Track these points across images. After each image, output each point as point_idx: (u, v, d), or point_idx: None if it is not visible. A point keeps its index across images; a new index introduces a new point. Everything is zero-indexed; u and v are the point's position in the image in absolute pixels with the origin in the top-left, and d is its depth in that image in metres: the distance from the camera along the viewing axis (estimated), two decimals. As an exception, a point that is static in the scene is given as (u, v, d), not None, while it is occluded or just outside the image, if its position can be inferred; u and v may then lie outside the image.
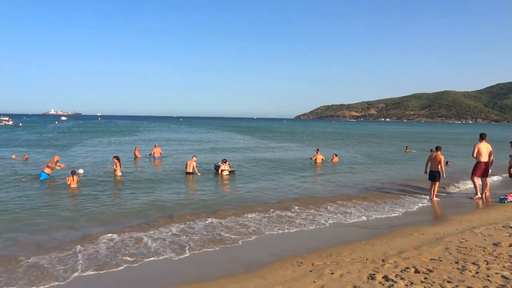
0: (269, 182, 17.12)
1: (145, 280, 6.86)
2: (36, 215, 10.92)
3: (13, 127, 77.00)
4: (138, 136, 54.02)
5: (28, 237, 9.00)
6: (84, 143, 38.59)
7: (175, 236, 9.28)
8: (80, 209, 11.75)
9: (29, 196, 13.28)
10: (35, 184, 15.49)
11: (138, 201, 12.82)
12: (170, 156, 26.64)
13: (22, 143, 37.54)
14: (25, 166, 20.35)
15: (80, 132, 60.86)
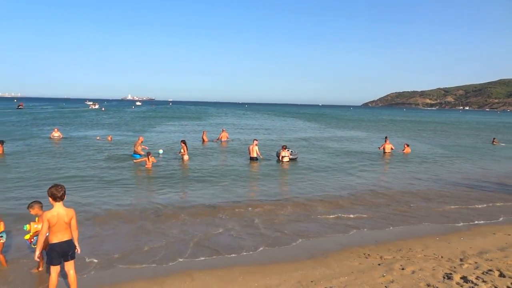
0: (332, 171, 16.76)
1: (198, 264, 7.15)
2: (122, 190, 11.96)
3: (98, 111, 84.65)
4: (206, 121, 56.11)
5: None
6: (157, 127, 41.10)
7: (243, 220, 9.54)
8: (157, 189, 12.58)
9: (109, 172, 14.62)
10: (121, 162, 17.08)
11: (204, 185, 13.35)
12: (236, 141, 27.31)
13: (105, 125, 41.13)
14: (110, 146, 22.52)
15: (154, 117, 64.83)
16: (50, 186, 5.30)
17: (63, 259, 5.38)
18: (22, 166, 15.80)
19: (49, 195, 5.26)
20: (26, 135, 28.48)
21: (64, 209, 5.33)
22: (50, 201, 5.27)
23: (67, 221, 5.32)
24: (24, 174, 14.22)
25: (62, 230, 5.30)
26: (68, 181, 12.85)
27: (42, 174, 14.33)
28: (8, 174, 14.08)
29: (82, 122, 44.70)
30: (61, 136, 26.09)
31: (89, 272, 6.46)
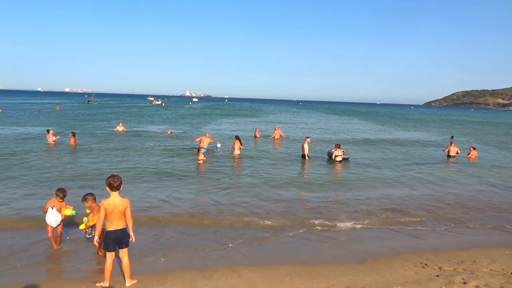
0: (387, 172, 15.97)
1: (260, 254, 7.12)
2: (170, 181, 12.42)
3: (159, 106, 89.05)
4: (260, 118, 56.45)
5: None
6: (212, 122, 42.19)
7: (291, 218, 9.41)
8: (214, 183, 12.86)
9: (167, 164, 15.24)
10: (178, 155, 17.76)
11: (250, 179, 13.39)
12: (288, 138, 27.13)
13: (164, 120, 43.10)
14: (171, 139, 23.71)
15: (210, 113, 66.63)
16: (108, 177, 5.59)
17: (118, 246, 5.65)
18: (90, 156, 17.07)
19: (107, 185, 5.55)
20: (94, 128, 30.75)
21: (120, 198, 5.59)
22: (107, 190, 5.56)
23: (122, 210, 5.58)
24: (91, 164, 15.33)
25: (117, 218, 5.57)
26: (127, 172, 13.62)
27: (105, 164, 15.35)
28: (77, 163, 15.29)
29: (144, 117, 47.22)
30: (125, 130, 27.81)
31: (141, 259, 6.74)
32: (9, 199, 10.19)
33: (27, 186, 11.61)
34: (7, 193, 10.79)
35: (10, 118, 38.53)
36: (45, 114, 47.23)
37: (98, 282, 5.77)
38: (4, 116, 41.10)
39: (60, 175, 13.18)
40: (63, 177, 12.88)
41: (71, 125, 32.97)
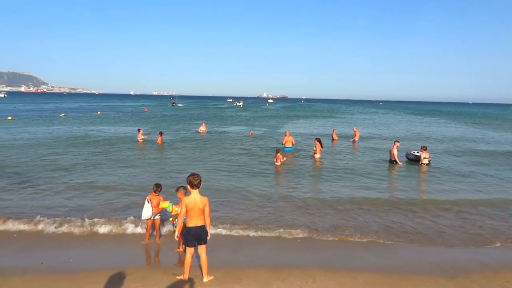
0: (480, 177, 14.32)
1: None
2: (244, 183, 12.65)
3: (238, 107, 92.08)
4: (337, 118, 55.01)
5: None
6: (290, 123, 42.20)
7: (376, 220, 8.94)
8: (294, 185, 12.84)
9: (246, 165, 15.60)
10: (257, 156, 18.15)
11: (334, 184, 13.00)
12: (369, 140, 25.94)
13: (243, 121, 44.36)
14: (251, 140, 24.37)
15: (286, 114, 66.85)
16: (189, 175, 5.84)
17: (197, 242, 5.88)
18: (174, 154, 18.26)
19: (187, 183, 5.80)
20: (179, 128, 32.90)
21: (200, 196, 5.81)
22: (188, 188, 5.82)
23: (201, 208, 5.79)
24: (174, 161, 16.38)
25: (196, 215, 5.79)
26: (209, 171, 14.22)
27: (188, 162, 16.29)
28: (164, 160, 16.48)
29: (224, 118, 49.09)
30: (206, 130, 29.14)
31: (217, 254, 6.94)
32: (99, 193, 11.30)
33: (115, 180, 12.76)
34: (97, 188, 11.97)
35: (108, 119, 43.08)
36: (137, 115, 51.87)
37: (178, 275, 6.06)
38: (104, 117, 46.14)
39: (146, 170, 14.28)
40: (149, 172, 13.94)
41: (158, 125, 35.69)
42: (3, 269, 6.27)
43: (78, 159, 16.60)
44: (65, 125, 34.60)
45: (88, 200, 10.52)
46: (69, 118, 43.14)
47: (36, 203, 10.15)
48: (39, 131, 28.44)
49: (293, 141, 20.07)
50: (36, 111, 58.15)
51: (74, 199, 10.64)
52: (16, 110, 57.84)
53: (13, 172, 13.61)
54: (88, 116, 47.47)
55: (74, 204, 10.15)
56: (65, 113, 52.02)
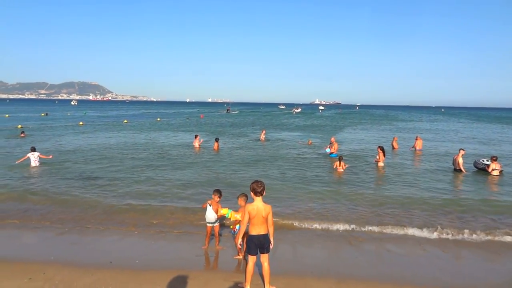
0: None
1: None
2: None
3: (290, 114, 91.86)
4: (395, 126, 52.56)
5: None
6: (344, 131, 41.10)
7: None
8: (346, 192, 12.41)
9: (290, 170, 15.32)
10: (319, 164, 17.79)
11: (398, 194, 12.29)
12: (432, 149, 24.36)
13: (297, 127, 44.04)
14: (309, 148, 23.95)
15: (341, 121, 65.33)
16: (252, 182, 5.75)
17: (260, 251, 5.76)
18: (231, 160, 18.41)
19: (251, 190, 5.71)
20: (235, 134, 33.34)
21: (263, 204, 5.69)
22: (251, 195, 5.73)
23: (264, 216, 5.67)
24: (232, 168, 16.50)
25: (259, 223, 5.67)
26: (268, 178, 14.13)
27: (245, 168, 16.31)
28: (220, 166, 16.67)
29: (278, 125, 48.98)
30: (264, 138, 28.66)
31: (279, 263, 6.76)
32: (155, 196, 11.67)
33: (171, 185, 13.12)
34: (154, 192, 12.38)
35: (166, 125, 45.05)
36: (193, 121, 53.71)
37: (240, 283, 5.98)
38: (163, 123, 48.36)
39: (202, 176, 14.55)
40: (205, 178, 14.18)
41: (214, 131, 36.56)
42: (76, 264, 6.61)
43: (137, 163, 17.39)
44: (127, 130, 36.76)
45: (141, 201, 10.90)
46: (131, 124, 45.79)
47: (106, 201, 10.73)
48: (105, 135, 30.49)
49: (336, 148, 20.12)
50: (102, 117, 62.63)
51: (127, 208, 11.07)
52: (86, 117, 62.74)
53: (80, 171, 14.59)
54: (148, 122, 50.05)
55: (127, 208, 10.57)
56: (128, 119, 55.32)
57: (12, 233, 8.53)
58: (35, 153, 16.18)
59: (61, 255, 7.12)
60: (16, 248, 7.58)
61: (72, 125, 41.73)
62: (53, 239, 8.12)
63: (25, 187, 12.49)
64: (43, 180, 13.49)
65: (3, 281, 5.86)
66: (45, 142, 25.07)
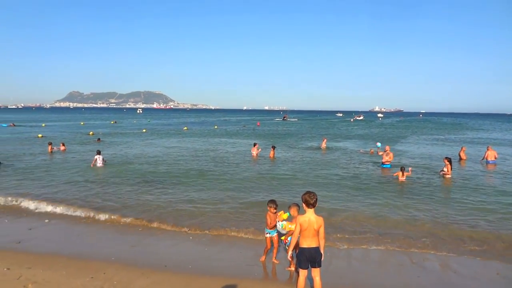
0: None
1: None
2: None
3: (348, 122, 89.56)
4: (463, 135, 48.74)
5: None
6: (407, 139, 39.02)
7: None
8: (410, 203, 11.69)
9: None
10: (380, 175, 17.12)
11: (465, 207, 11.30)
12: (506, 161, 22.14)
13: (356, 136, 42.67)
14: (369, 157, 23.05)
15: (403, 128, 62.23)
16: (304, 193, 5.57)
17: (311, 264, 5.56)
18: (287, 169, 18.24)
19: (303, 201, 5.54)
20: (292, 142, 33.15)
21: (315, 216, 5.49)
22: (303, 207, 5.56)
23: (316, 228, 5.47)
24: (287, 176, 16.35)
25: (311, 236, 5.48)
26: (325, 188, 13.79)
27: (301, 178, 16.03)
28: (274, 175, 16.60)
29: (337, 133, 47.75)
30: (325, 147, 27.86)
31: (328, 280, 6.48)
32: (211, 203, 11.86)
33: (227, 192, 13.28)
34: (207, 199, 12.60)
35: (224, 132, 46.23)
36: (249, 129, 54.51)
37: (291, 297, 5.82)
38: (220, 130, 49.69)
39: (258, 184, 14.57)
40: (261, 186, 14.18)
41: (271, 138, 36.71)
42: (133, 266, 6.90)
43: (195, 169, 17.93)
44: (187, 137, 38.27)
45: (197, 206, 11.13)
46: (190, 131, 47.66)
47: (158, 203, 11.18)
48: (166, 141, 32.04)
49: (391, 157, 19.18)
50: (165, 125, 66.02)
51: (184, 214, 11.38)
52: (150, 124, 66.56)
53: (141, 175, 15.39)
54: (206, 130, 51.74)
55: (188, 215, 10.85)
56: (188, 126, 57.69)
57: (78, 231, 9.17)
58: (100, 156, 18.44)
59: (120, 256, 7.49)
60: (82, 246, 8.12)
61: (137, 132, 44.44)
62: (114, 240, 8.59)
63: (91, 189, 13.47)
64: (108, 183, 14.43)
65: (69, 277, 6.28)
66: (113, 148, 26.94)
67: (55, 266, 6.79)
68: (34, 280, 6.05)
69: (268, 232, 7.25)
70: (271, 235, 7.28)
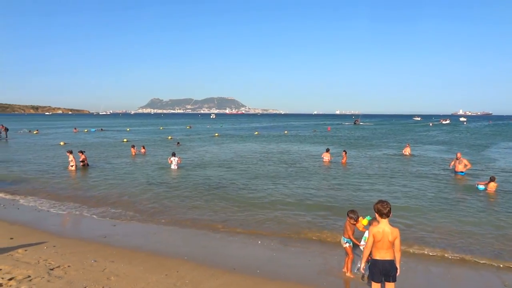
0: None
1: None
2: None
3: (427, 126, 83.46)
4: None
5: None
6: (498, 146, 35.14)
7: None
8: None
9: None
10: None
11: None
12: None
13: (438, 141, 39.59)
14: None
15: (492, 134, 56.21)
16: (377, 202, 5.25)
17: (384, 278, 5.21)
18: (359, 176, 17.55)
19: (375, 211, 5.23)
20: (365, 148, 31.91)
21: (390, 227, 5.14)
22: (376, 217, 5.25)
23: (391, 240, 5.11)
24: (361, 184, 15.70)
25: (385, 248, 5.14)
26: (400, 198, 12.95)
27: (376, 185, 15.30)
28: (347, 181, 16.06)
29: (417, 138, 44.59)
30: (409, 153, 25.90)
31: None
32: (284, 207, 11.77)
33: (301, 197, 13.10)
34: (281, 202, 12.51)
35: (295, 137, 46.07)
36: (320, 134, 53.64)
37: (362, 311, 5.51)
38: (290, 135, 49.67)
39: (330, 190, 14.18)
40: (334, 193, 13.77)
41: (342, 143, 35.68)
42: (204, 266, 7.12)
43: (266, 173, 18.06)
44: (258, 141, 38.88)
45: (268, 210, 11.13)
46: (261, 136, 48.35)
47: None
48: (237, 146, 32.90)
49: (466, 165, 17.55)
50: (236, 129, 67.95)
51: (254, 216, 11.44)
52: (222, 129, 69.09)
53: (213, 177, 15.93)
54: (277, 134, 52.07)
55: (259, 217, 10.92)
56: (258, 131, 58.64)
57: (155, 229, 9.76)
58: (175, 158, 19.53)
59: (192, 255, 7.78)
60: (158, 244, 8.60)
61: (210, 137, 46.38)
62: (186, 240, 8.96)
63: (164, 189, 14.33)
64: (181, 184, 15.17)
65: (146, 273, 6.68)
66: (189, 151, 28.42)
67: (134, 261, 7.29)
68: (116, 273, 6.55)
69: (347, 241, 6.93)
70: (350, 245, 6.94)
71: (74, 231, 9.75)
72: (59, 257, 7.26)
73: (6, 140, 39.02)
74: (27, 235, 8.86)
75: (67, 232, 9.45)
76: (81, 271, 6.57)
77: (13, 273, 6.24)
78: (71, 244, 8.25)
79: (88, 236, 9.06)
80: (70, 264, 6.90)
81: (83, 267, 6.79)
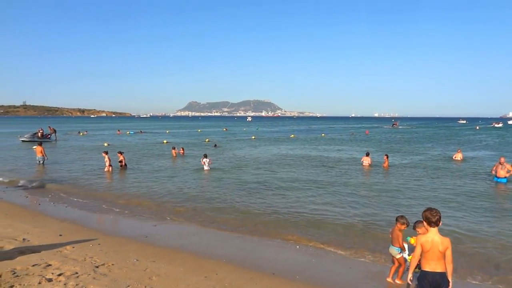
0: None
1: None
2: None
3: (473, 129, 79.19)
4: None
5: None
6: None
7: None
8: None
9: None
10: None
11: None
12: None
13: (485, 146, 37.38)
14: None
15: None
16: (425, 209, 4.96)
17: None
18: (402, 181, 16.87)
19: (424, 218, 4.93)
20: (407, 152, 30.75)
21: (440, 237, 4.83)
22: (424, 225, 4.96)
23: (441, 251, 4.80)
24: (403, 188, 15.11)
25: (435, 259, 4.83)
26: (450, 207, 12.26)
27: (421, 191, 14.66)
28: (389, 186, 15.51)
29: (465, 142, 42.25)
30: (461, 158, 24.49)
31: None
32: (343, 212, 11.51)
33: (342, 205, 12.78)
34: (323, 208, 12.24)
35: (332, 140, 45.29)
36: (358, 137, 52.36)
37: (409, 324, 5.22)
38: (328, 138, 48.89)
39: (369, 197, 13.73)
40: (372, 198, 13.32)
41: (382, 147, 34.59)
42: (243, 270, 7.08)
43: (304, 176, 17.82)
44: (294, 144, 38.60)
45: (306, 214, 10.92)
46: (298, 139, 47.99)
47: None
48: (274, 148, 32.85)
49: (510, 170, 16.05)
50: (273, 132, 67.99)
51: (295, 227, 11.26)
52: (259, 131, 69.34)
53: (248, 180, 15.93)
54: (314, 137, 51.44)
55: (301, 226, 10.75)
56: (295, 134, 58.25)
57: (194, 230, 9.88)
58: (206, 159, 20.00)
59: (231, 258, 7.76)
60: (197, 245, 8.68)
61: (247, 139, 46.67)
62: (224, 242, 8.98)
63: (200, 191, 14.60)
64: (218, 186, 15.31)
65: (186, 274, 6.75)
66: (227, 153, 28.73)
67: (175, 262, 7.39)
68: (157, 273, 6.66)
69: (399, 251, 6.56)
70: (403, 255, 6.60)
71: (116, 230, 10.08)
72: (103, 255, 7.51)
73: (56, 141, 41.41)
74: (74, 232, 9.26)
75: (110, 231, 9.79)
76: (124, 269, 6.75)
77: (62, 269, 6.51)
78: (114, 243, 8.52)
79: (130, 235, 9.32)
80: (114, 262, 7.10)
81: (126, 265, 6.98)
